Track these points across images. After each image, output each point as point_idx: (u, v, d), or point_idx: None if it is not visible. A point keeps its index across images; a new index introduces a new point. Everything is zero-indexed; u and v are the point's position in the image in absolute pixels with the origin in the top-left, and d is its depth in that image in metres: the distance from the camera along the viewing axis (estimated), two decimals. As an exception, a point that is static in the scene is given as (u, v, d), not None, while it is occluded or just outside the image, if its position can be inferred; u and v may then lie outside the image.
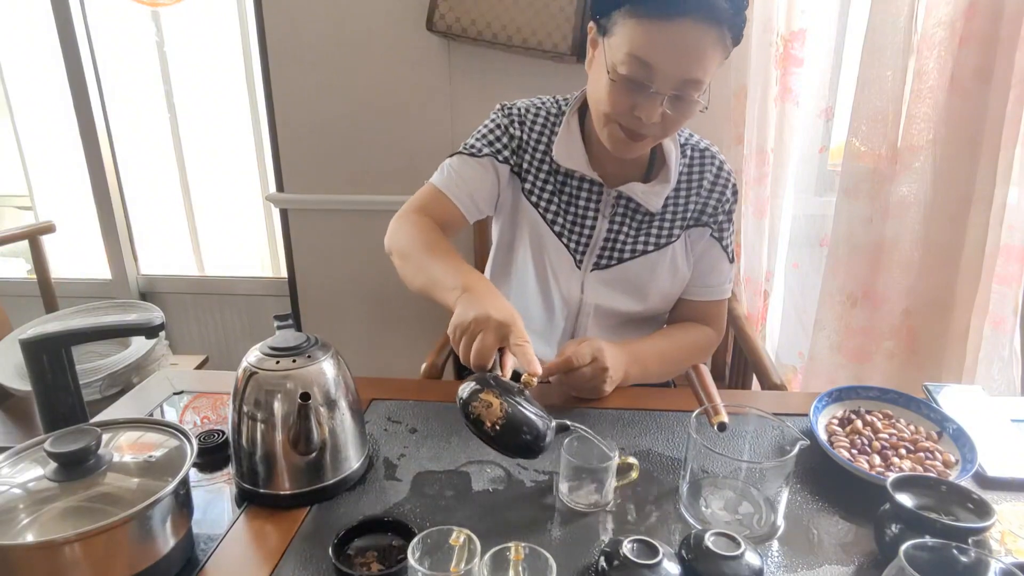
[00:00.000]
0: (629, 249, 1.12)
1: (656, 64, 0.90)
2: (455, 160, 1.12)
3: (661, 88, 0.92)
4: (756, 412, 0.80)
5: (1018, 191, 1.52)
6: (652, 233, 1.12)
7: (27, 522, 0.62)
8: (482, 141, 1.13)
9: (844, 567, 0.69)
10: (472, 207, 1.11)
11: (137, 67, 2.19)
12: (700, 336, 1.16)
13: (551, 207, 1.13)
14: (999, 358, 1.61)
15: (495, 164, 1.12)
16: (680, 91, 0.93)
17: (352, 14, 1.84)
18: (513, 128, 1.13)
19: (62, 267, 2.41)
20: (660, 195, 1.09)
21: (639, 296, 1.14)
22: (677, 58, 0.90)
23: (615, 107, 0.96)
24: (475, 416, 0.74)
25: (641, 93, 0.93)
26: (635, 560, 0.62)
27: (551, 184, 1.13)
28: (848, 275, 1.67)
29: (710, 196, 1.13)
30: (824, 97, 1.74)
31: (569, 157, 1.10)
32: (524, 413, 0.75)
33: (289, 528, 0.75)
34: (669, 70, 0.90)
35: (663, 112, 0.94)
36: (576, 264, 1.13)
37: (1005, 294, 1.57)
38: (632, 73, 0.92)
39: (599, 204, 1.11)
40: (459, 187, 1.09)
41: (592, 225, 1.12)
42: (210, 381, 1.13)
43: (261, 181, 2.28)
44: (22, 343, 0.84)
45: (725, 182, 1.14)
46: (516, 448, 0.75)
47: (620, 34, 0.92)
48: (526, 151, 1.13)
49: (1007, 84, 1.42)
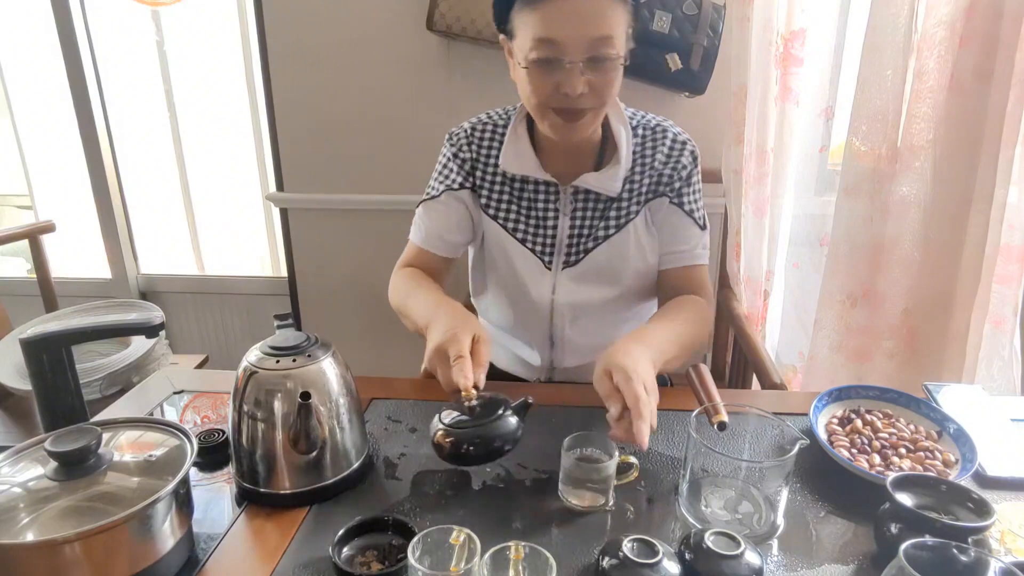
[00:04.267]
0: (592, 237, 1.11)
1: (560, 37, 0.92)
2: (421, 209, 1.18)
3: (573, 56, 0.93)
4: (756, 412, 0.80)
5: (1018, 191, 1.52)
6: (611, 216, 1.11)
7: (27, 521, 0.62)
8: (437, 180, 1.17)
9: (844, 566, 0.69)
10: (448, 247, 1.17)
11: (137, 67, 2.19)
12: (691, 305, 1.10)
13: (510, 215, 1.13)
14: (999, 358, 1.60)
15: (453, 195, 1.15)
16: (594, 53, 0.93)
17: (352, 14, 1.84)
18: (461, 152, 1.14)
19: (62, 267, 2.41)
20: (615, 178, 1.08)
21: (612, 281, 1.14)
22: (577, 24, 0.92)
23: (539, 93, 0.97)
24: (438, 447, 0.81)
25: (558, 70, 0.94)
26: (635, 559, 0.62)
27: (507, 193, 1.13)
28: (848, 275, 1.67)
29: (664, 167, 1.10)
30: (824, 97, 1.74)
31: (518, 163, 1.10)
32: (467, 433, 0.80)
33: (289, 527, 0.75)
34: (574, 37, 0.92)
35: (587, 80, 0.95)
36: (546, 266, 1.13)
37: (1005, 294, 1.57)
38: (542, 54, 0.94)
39: (558, 203, 1.11)
40: (429, 234, 1.16)
41: (554, 225, 1.12)
42: (210, 380, 1.13)
43: (261, 180, 2.28)
44: (22, 343, 0.84)
45: (679, 151, 1.11)
46: (477, 458, 0.82)
47: (522, 28, 0.96)
48: (477, 167, 1.14)
49: (1007, 84, 1.42)
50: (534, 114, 1.03)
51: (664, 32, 1.65)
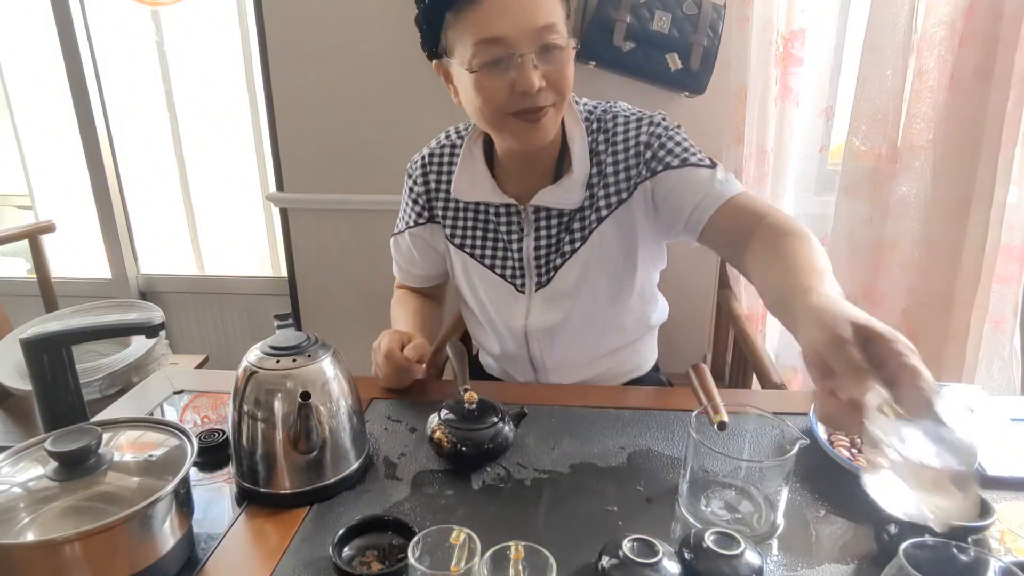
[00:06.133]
0: (560, 253, 1.06)
1: (503, 32, 0.87)
2: (391, 243, 1.22)
3: (523, 48, 0.88)
4: (756, 411, 0.80)
5: (1018, 190, 1.52)
6: (575, 228, 1.04)
7: (27, 521, 0.62)
8: (400, 216, 1.19)
9: (844, 566, 0.69)
10: (420, 279, 1.22)
11: (137, 67, 2.19)
12: (789, 225, 0.86)
13: (476, 242, 1.10)
14: (999, 358, 1.61)
15: (416, 231, 1.15)
16: (543, 42, 0.89)
17: (352, 14, 1.84)
18: (416, 186, 1.13)
19: (62, 267, 2.41)
20: (571, 189, 1.02)
21: (588, 295, 1.07)
22: (517, 15, 0.87)
23: (494, 100, 0.92)
24: (437, 446, 0.85)
25: (509, 67, 0.89)
26: (635, 559, 0.62)
27: (469, 220, 1.10)
28: (848, 274, 1.67)
29: (628, 154, 1.01)
30: (824, 96, 1.74)
31: (472, 190, 1.07)
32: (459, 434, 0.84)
33: (289, 527, 0.75)
34: (518, 30, 0.87)
35: (542, 73, 0.90)
36: (518, 290, 1.09)
37: (1005, 294, 1.57)
38: (489, 56, 0.89)
39: (521, 224, 1.06)
40: (401, 268, 1.23)
41: (519, 248, 1.07)
42: (210, 380, 1.14)
43: (261, 180, 2.28)
44: (22, 343, 0.84)
45: (636, 129, 1.01)
46: (467, 459, 0.84)
47: (459, 40, 0.91)
48: (436, 198, 1.11)
49: (1007, 84, 1.42)
50: (490, 127, 0.98)
51: (664, 32, 1.65)
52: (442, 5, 0.91)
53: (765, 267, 0.82)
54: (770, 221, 0.88)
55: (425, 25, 0.96)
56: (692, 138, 1.04)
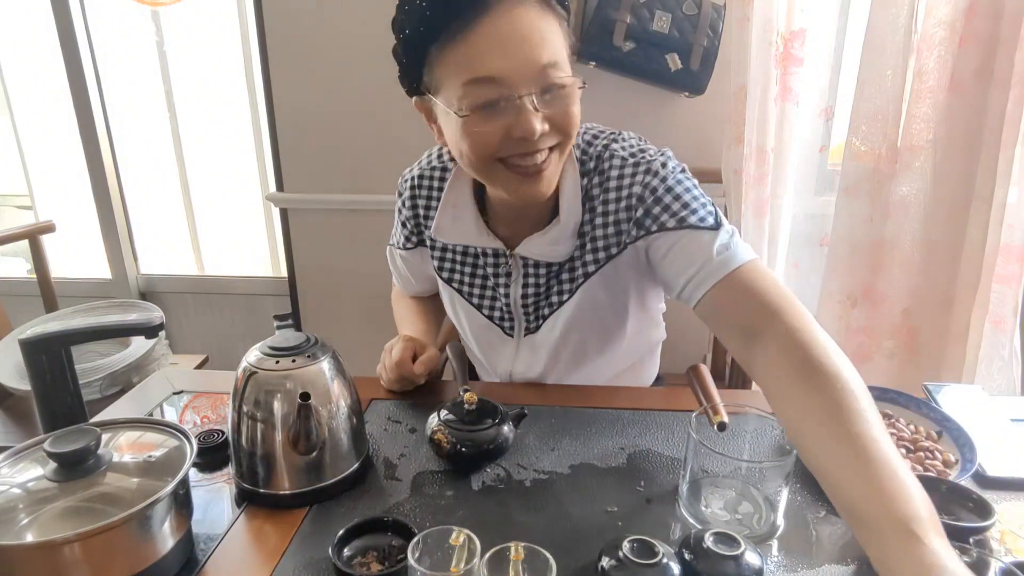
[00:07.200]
0: (548, 303, 0.99)
1: (498, 71, 0.74)
2: (387, 253, 1.18)
3: (522, 89, 0.75)
4: (756, 412, 0.80)
5: (1018, 190, 1.52)
6: (564, 279, 0.96)
7: (27, 522, 0.62)
8: (394, 231, 1.14)
9: (844, 567, 0.69)
10: (416, 289, 1.20)
11: (137, 67, 2.19)
12: (816, 346, 0.74)
13: (464, 279, 1.03)
14: (999, 358, 1.60)
15: (405, 255, 1.11)
16: (545, 82, 0.76)
17: (352, 14, 1.84)
18: (405, 208, 1.05)
19: (62, 267, 2.41)
20: (560, 240, 0.92)
21: (578, 342, 1.02)
22: (515, 49, 0.74)
23: (486, 144, 0.79)
24: (437, 446, 0.85)
25: (507, 110, 0.76)
26: (635, 560, 0.62)
27: (456, 256, 1.02)
28: (848, 275, 1.67)
29: (620, 200, 0.89)
30: (824, 97, 1.74)
31: (454, 232, 0.98)
32: (462, 437, 0.84)
33: (289, 528, 0.75)
34: (517, 67, 0.74)
35: (545, 117, 0.77)
36: (506, 333, 1.04)
37: (1005, 293, 1.57)
38: (481, 97, 0.76)
39: (509, 268, 0.98)
40: (398, 275, 1.21)
41: (506, 294, 1.00)
42: (210, 381, 1.13)
43: (261, 181, 2.28)
44: (22, 343, 0.84)
45: (633, 171, 0.88)
46: (473, 461, 0.85)
47: (448, 77, 0.78)
48: (423, 224, 1.03)
49: (1007, 84, 1.42)
50: (479, 175, 0.86)
51: (664, 32, 1.65)
52: (424, 39, 0.77)
53: (807, 427, 0.68)
54: (786, 330, 0.74)
55: (405, 59, 0.82)
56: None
